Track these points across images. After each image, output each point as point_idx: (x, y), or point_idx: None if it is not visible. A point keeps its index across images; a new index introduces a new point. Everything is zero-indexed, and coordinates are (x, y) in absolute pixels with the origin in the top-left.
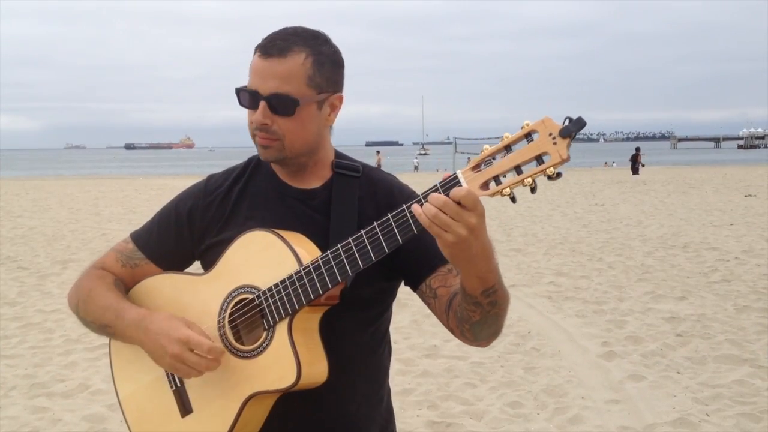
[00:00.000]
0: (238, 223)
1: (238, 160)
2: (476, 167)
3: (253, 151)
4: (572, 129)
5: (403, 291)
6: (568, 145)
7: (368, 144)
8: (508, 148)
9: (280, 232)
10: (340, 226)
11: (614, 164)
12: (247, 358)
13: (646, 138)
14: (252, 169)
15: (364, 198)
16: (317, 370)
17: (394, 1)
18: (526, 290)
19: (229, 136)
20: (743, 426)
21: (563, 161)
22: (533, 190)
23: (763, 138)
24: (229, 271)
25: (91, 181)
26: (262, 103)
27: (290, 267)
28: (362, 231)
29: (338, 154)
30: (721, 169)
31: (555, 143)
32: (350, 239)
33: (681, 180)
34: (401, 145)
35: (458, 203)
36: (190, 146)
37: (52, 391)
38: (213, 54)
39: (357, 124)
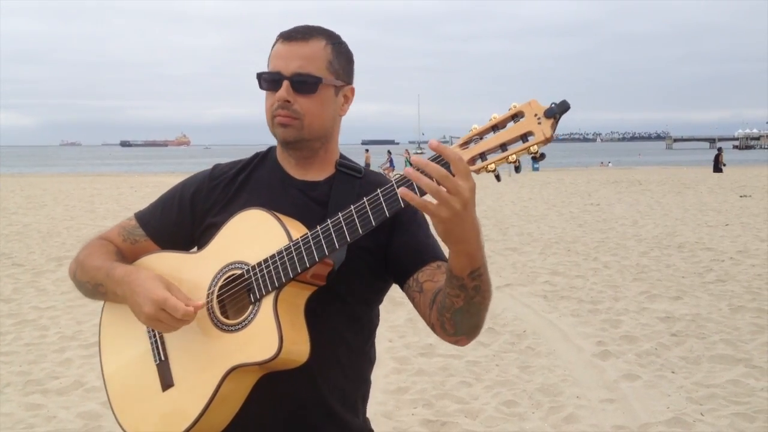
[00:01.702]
0: (238, 206)
1: (233, 157)
2: (464, 144)
3: (253, 149)
4: (556, 110)
5: (399, 290)
6: (552, 125)
7: (364, 142)
8: (495, 128)
9: (275, 213)
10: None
11: (610, 164)
12: (231, 331)
13: (641, 138)
14: (258, 161)
15: (363, 195)
16: (299, 347)
17: (391, 1)
18: (521, 289)
19: (225, 134)
20: (737, 425)
21: (547, 140)
22: (517, 169)
23: (758, 139)
24: (222, 248)
25: (87, 178)
26: (286, 82)
27: (281, 242)
28: (351, 206)
29: (342, 156)
30: None
31: (540, 123)
32: (339, 214)
33: (676, 180)
34: (397, 143)
35: (451, 173)
36: (185, 144)
37: (46, 388)
38: (210, 52)
39: (353, 122)
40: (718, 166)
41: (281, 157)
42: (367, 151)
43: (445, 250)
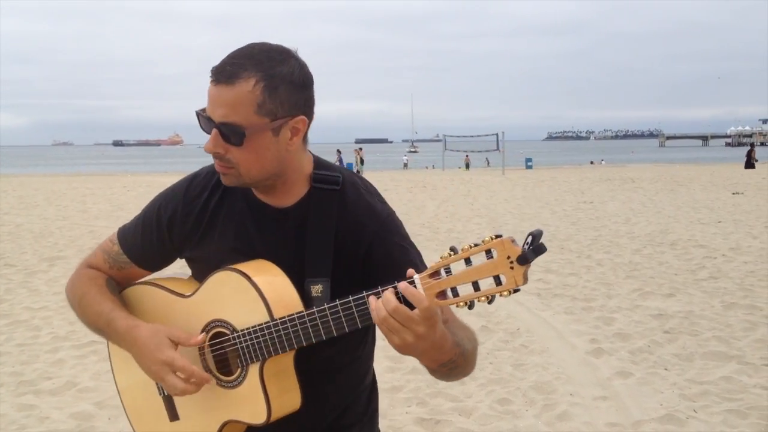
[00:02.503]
0: (214, 240)
1: None
2: (434, 274)
3: None
4: (530, 257)
5: None
6: (525, 273)
7: (358, 141)
8: (467, 261)
9: (254, 271)
10: (314, 257)
11: (603, 162)
12: (225, 387)
13: (634, 136)
14: None
15: (342, 215)
16: (288, 402)
17: (385, 1)
18: None
19: None
20: (730, 422)
21: (517, 289)
22: (490, 302)
23: (751, 136)
24: (207, 302)
25: (79, 177)
26: (215, 131)
27: (261, 316)
28: (326, 305)
29: (317, 164)
30: (709, 167)
31: (512, 268)
32: (315, 309)
33: (669, 178)
34: (391, 142)
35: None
36: (179, 143)
37: (39, 388)
38: (202, 51)
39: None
40: (750, 162)
41: None
42: (360, 149)
43: None
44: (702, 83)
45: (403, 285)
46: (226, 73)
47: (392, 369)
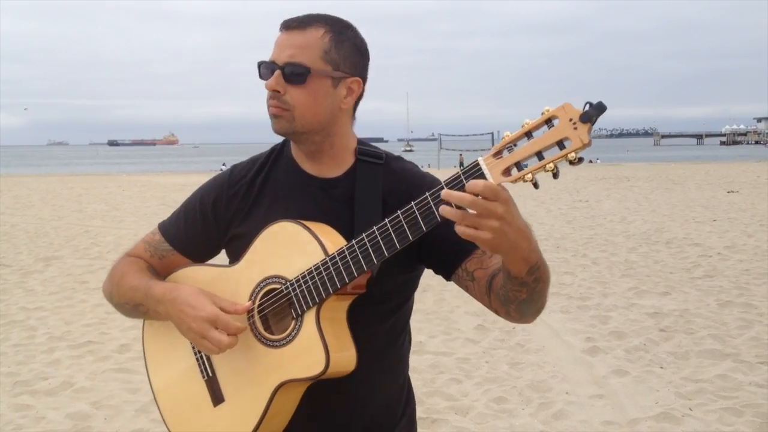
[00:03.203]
0: (261, 214)
1: (223, 156)
2: (498, 153)
3: (243, 148)
4: (592, 114)
5: None
6: (589, 130)
7: None
8: (528, 135)
9: (306, 222)
10: (364, 217)
11: (598, 161)
12: (276, 347)
13: (629, 135)
14: (274, 158)
15: (388, 186)
16: (345, 357)
17: (379, 0)
18: None
19: (213, 133)
20: (726, 420)
21: (584, 146)
22: (555, 175)
23: (745, 134)
24: (257, 261)
25: (74, 177)
26: (277, 72)
27: (317, 256)
28: (386, 219)
29: (360, 141)
30: (703, 166)
31: (576, 128)
32: (374, 228)
33: (664, 176)
34: (386, 141)
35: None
36: (173, 143)
37: (35, 389)
38: (197, 50)
39: None
40: None
41: (295, 152)
42: None
43: None
44: (697, 82)
45: (470, 183)
46: (299, 20)
47: None
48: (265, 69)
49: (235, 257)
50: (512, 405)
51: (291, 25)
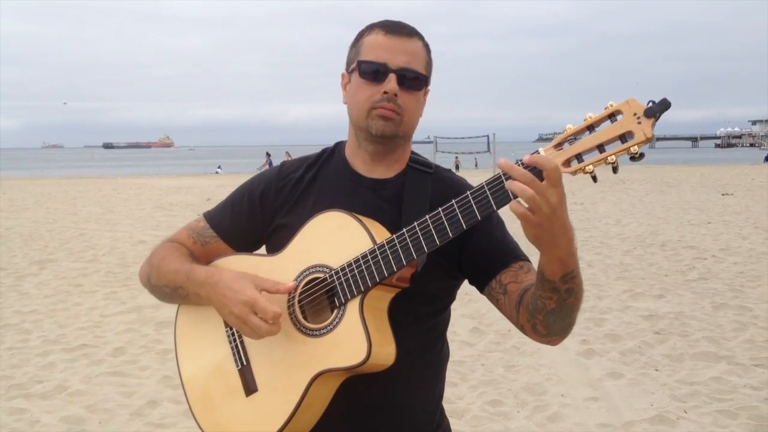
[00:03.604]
0: (307, 208)
1: (218, 159)
2: (558, 145)
3: (239, 150)
4: (656, 109)
5: None
6: (653, 125)
7: None
8: (590, 128)
9: (355, 214)
10: (411, 217)
11: None
12: (316, 336)
13: None
14: (325, 158)
15: (436, 194)
16: (386, 351)
17: (375, 1)
18: None
19: (209, 135)
20: (720, 422)
21: (648, 140)
22: (615, 169)
23: (740, 137)
24: (302, 250)
25: (69, 180)
26: (393, 75)
27: (363, 245)
28: (439, 209)
29: (412, 151)
30: (698, 168)
31: (639, 122)
32: (426, 217)
33: (659, 179)
34: None
35: (540, 177)
36: (169, 145)
37: (29, 392)
38: (192, 52)
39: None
40: None
41: (351, 153)
42: (287, 153)
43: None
44: (692, 84)
45: (527, 157)
46: (404, 27)
47: None
48: (371, 70)
49: (276, 249)
50: (507, 408)
51: (399, 31)
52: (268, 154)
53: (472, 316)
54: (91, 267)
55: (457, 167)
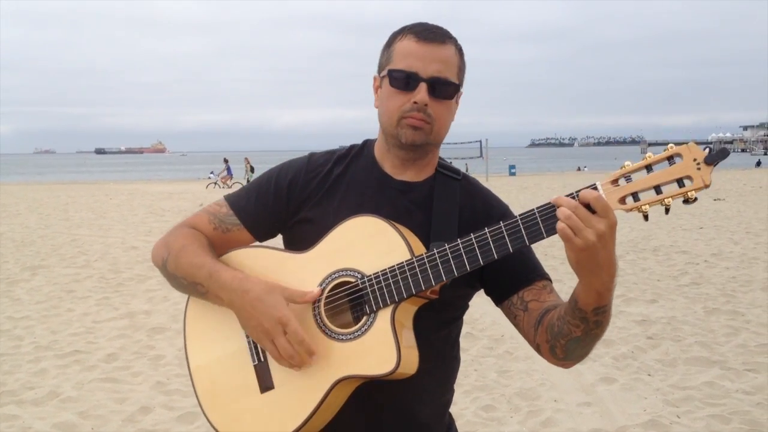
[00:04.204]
0: (333, 204)
1: (211, 164)
2: (615, 181)
3: (232, 155)
4: (717, 158)
5: None
6: (710, 172)
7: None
8: (648, 168)
9: (394, 222)
10: (441, 224)
11: (586, 168)
12: (342, 340)
13: (617, 142)
14: (354, 154)
15: (464, 201)
16: (411, 361)
17: (367, 6)
18: None
19: (202, 141)
20: (713, 427)
21: (705, 186)
22: (667, 210)
23: (731, 142)
24: (332, 252)
25: (61, 186)
26: (424, 85)
27: (400, 256)
28: (486, 229)
29: (440, 157)
30: None
31: (699, 168)
32: (471, 235)
33: None
34: None
35: (588, 207)
36: (162, 151)
37: (21, 398)
38: (184, 58)
39: (333, 128)
40: None
41: (381, 154)
42: (246, 159)
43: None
44: (684, 90)
45: (584, 191)
46: (437, 33)
47: None
48: (402, 78)
49: (297, 242)
50: (501, 413)
51: (431, 38)
52: (225, 160)
53: (465, 321)
54: (84, 273)
55: None
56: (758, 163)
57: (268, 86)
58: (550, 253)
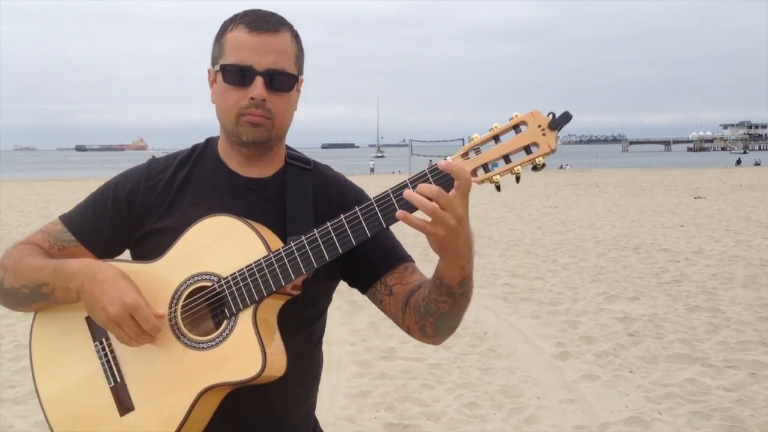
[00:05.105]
0: (182, 211)
1: None
2: (465, 155)
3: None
4: (560, 122)
5: (361, 293)
6: (556, 137)
7: (324, 146)
8: (496, 138)
9: (246, 219)
10: (295, 218)
11: (568, 167)
12: (202, 348)
13: (598, 141)
14: (198, 155)
15: (317, 191)
16: (278, 362)
17: (348, 4)
18: (482, 291)
19: (182, 137)
20: (694, 424)
21: (552, 152)
22: (518, 179)
23: (711, 141)
24: (185, 257)
25: (42, 183)
26: (260, 79)
27: (257, 253)
28: (342, 216)
29: (287, 146)
30: (671, 172)
31: (544, 134)
32: (328, 224)
33: (632, 182)
34: (357, 147)
35: (450, 186)
36: (142, 148)
37: (2, 397)
38: (164, 54)
39: (312, 126)
40: None
41: (225, 152)
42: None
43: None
44: (664, 89)
45: (443, 163)
46: (269, 22)
47: (361, 374)
48: (235, 73)
49: (148, 255)
50: (484, 410)
51: (263, 27)
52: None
53: None
54: None
55: None
56: (738, 162)
57: None
58: (532, 251)
